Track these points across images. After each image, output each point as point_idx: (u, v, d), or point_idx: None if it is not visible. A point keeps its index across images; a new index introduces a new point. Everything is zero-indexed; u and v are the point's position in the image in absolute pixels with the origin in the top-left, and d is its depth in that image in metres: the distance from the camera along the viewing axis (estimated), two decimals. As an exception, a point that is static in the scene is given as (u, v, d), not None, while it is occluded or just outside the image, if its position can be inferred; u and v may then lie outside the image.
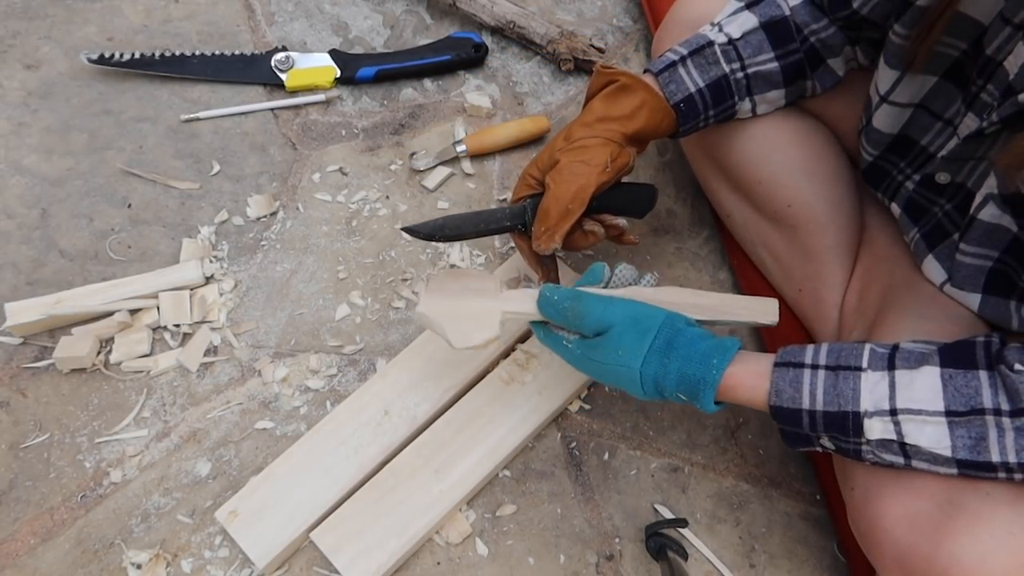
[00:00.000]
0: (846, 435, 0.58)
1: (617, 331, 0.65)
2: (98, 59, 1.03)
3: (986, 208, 0.63)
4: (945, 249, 0.71)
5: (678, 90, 0.75)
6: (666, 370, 0.63)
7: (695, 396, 0.63)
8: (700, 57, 0.75)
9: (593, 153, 0.72)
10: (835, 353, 0.60)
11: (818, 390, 0.59)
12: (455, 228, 0.77)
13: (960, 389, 0.54)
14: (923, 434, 0.55)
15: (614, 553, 0.80)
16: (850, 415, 0.57)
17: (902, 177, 0.75)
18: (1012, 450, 0.52)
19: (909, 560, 0.56)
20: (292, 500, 0.76)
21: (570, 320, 0.67)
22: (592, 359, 0.66)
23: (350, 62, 1.08)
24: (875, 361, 0.58)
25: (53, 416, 0.83)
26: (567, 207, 0.72)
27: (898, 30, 0.66)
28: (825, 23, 0.75)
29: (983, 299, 0.69)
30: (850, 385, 0.58)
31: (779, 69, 0.77)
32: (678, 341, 0.64)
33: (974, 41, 0.63)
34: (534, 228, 0.74)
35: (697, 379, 0.63)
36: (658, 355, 0.64)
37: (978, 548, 0.52)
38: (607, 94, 0.75)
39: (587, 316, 0.66)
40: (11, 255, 0.91)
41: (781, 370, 0.61)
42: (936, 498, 0.56)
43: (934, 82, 0.68)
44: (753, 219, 0.89)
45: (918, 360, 0.57)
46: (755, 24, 0.75)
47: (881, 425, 0.56)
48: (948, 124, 0.68)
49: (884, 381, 0.57)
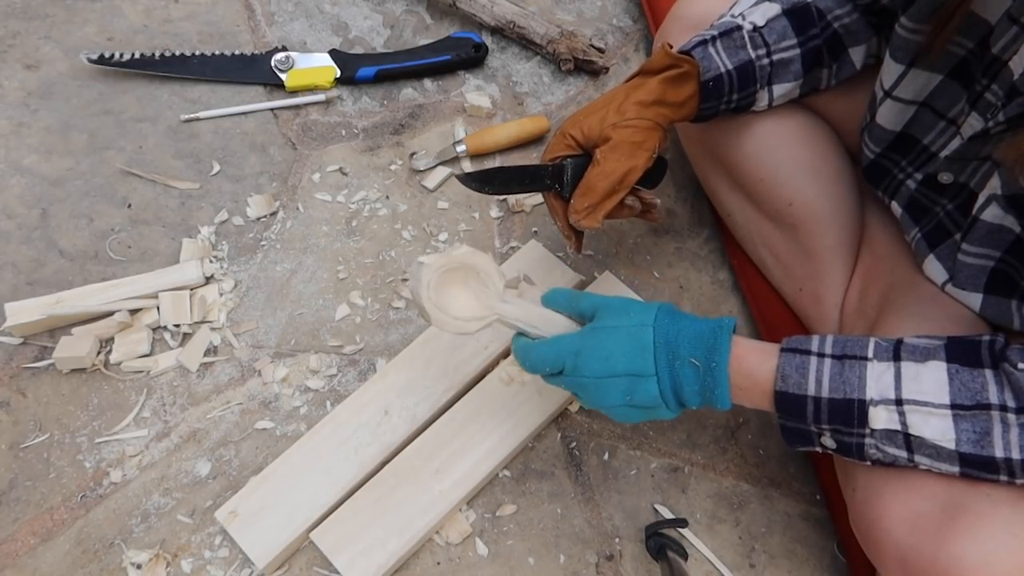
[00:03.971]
0: (850, 425, 0.58)
1: (619, 300, 0.65)
2: (98, 59, 1.03)
3: (989, 209, 0.63)
4: (946, 249, 0.71)
5: (709, 67, 0.74)
6: (678, 328, 0.61)
7: (712, 352, 0.60)
8: (728, 39, 0.75)
9: (646, 135, 0.71)
10: (841, 343, 0.60)
11: (824, 377, 0.58)
12: (503, 182, 0.75)
13: (966, 384, 0.54)
14: (928, 425, 0.55)
15: (614, 553, 0.80)
16: (856, 403, 0.57)
17: (903, 176, 0.75)
18: (1016, 446, 0.52)
19: (911, 561, 0.55)
20: (292, 500, 0.76)
21: (571, 303, 0.67)
22: (598, 328, 0.63)
23: (350, 62, 1.08)
24: (880, 352, 0.58)
25: (53, 416, 0.83)
26: (614, 187, 0.71)
27: (905, 23, 0.66)
28: (849, 8, 0.75)
29: (984, 299, 0.68)
30: (856, 373, 0.57)
31: (799, 56, 0.76)
32: (678, 314, 0.64)
33: (981, 40, 0.62)
34: (575, 200, 0.72)
35: (711, 332, 0.61)
36: (668, 315, 0.63)
37: (980, 549, 0.52)
38: (669, 78, 0.73)
39: (584, 299, 0.67)
40: (11, 255, 0.91)
41: (788, 355, 0.60)
42: (938, 498, 0.56)
43: (939, 80, 0.68)
44: (754, 218, 0.89)
45: (924, 354, 0.57)
46: (778, 11, 0.75)
47: (886, 414, 0.56)
48: (951, 124, 0.68)
49: (890, 371, 0.57)
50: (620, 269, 0.97)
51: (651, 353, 0.61)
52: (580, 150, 0.74)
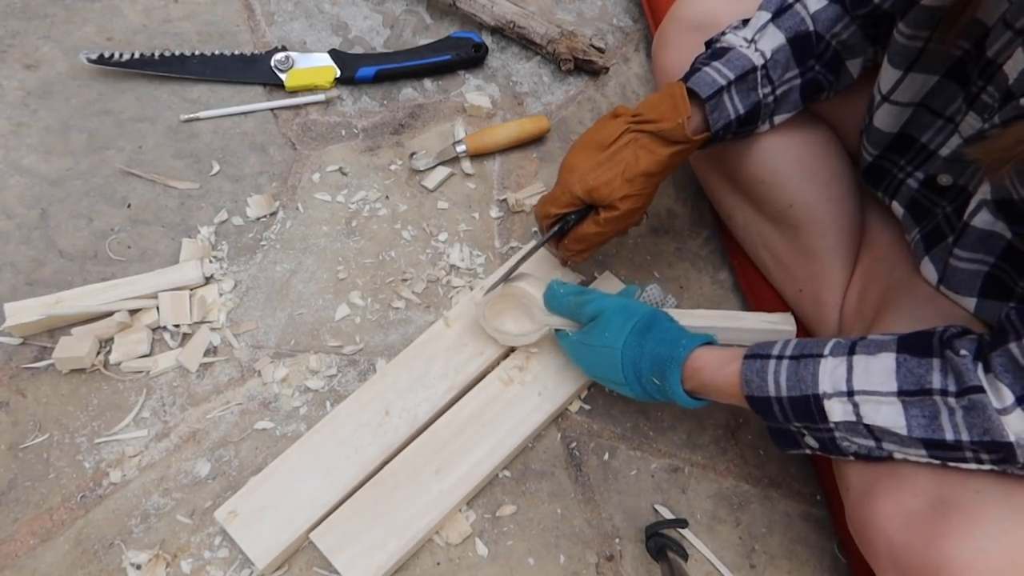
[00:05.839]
0: (814, 421, 0.60)
1: (607, 315, 0.73)
2: (97, 59, 1.02)
3: (979, 215, 0.63)
4: (940, 252, 0.71)
5: (720, 118, 0.76)
6: (642, 351, 0.70)
7: (663, 375, 0.68)
8: (744, 83, 0.75)
9: (646, 200, 0.80)
10: (800, 346, 0.63)
11: (781, 377, 0.62)
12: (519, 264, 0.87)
13: (912, 371, 0.57)
14: (880, 414, 0.57)
15: (614, 553, 0.80)
16: (811, 398, 0.60)
17: (903, 175, 0.75)
18: (964, 428, 0.54)
19: (903, 558, 0.56)
20: (292, 500, 0.76)
21: (572, 309, 0.78)
22: (584, 343, 0.75)
23: (350, 62, 1.08)
24: (836, 349, 0.61)
25: (52, 416, 0.83)
26: (606, 240, 0.82)
27: (902, 29, 0.66)
28: (846, 23, 0.75)
29: (979, 302, 0.69)
30: (809, 370, 0.60)
31: (799, 86, 0.77)
32: (656, 326, 0.72)
33: (977, 42, 0.63)
34: (569, 242, 0.82)
35: (666, 357, 0.68)
36: (637, 336, 0.71)
37: (971, 546, 0.53)
38: (681, 151, 0.76)
39: (585, 305, 0.76)
40: (10, 255, 0.91)
41: (749, 361, 0.64)
42: (928, 496, 0.57)
43: (935, 81, 0.68)
44: (754, 219, 0.89)
45: (877, 347, 0.59)
46: (782, 41, 0.75)
47: (841, 406, 0.58)
48: (949, 121, 0.68)
49: (842, 365, 0.59)
50: (620, 269, 0.97)
51: (620, 371, 0.72)
52: (582, 204, 0.80)
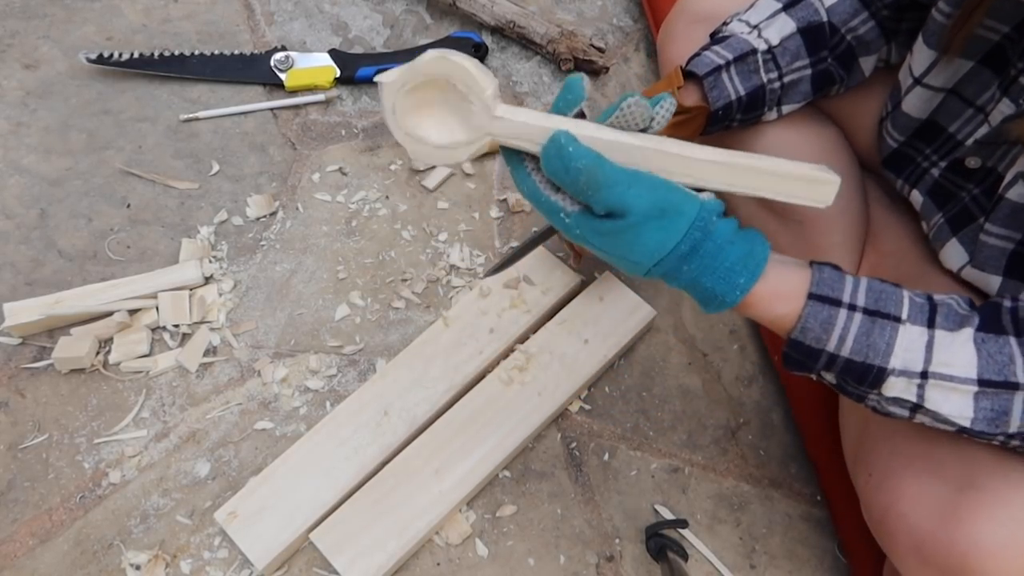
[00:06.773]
0: (861, 384, 0.55)
1: (635, 221, 0.52)
2: (97, 59, 1.02)
3: (1015, 187, 0.61)
4: (970, 232, 0.69)
5: (720, 96, 0.74)
6: (679, 272, 0.55)
7: (706, 303, 0.56)
8: (743, 64, 0.74)
9: None
10: (875, 292, 0.55)
11: (849, 336, 0.54)
12: (521, 251, 0.82)
13: (993, 355, 0.52)
14: (947, 402, 0.52)
15: (614, 554, 0.80)
16: (875, 369, 0.53)
17: (927, 164, 0.74)
18: None
19: (927, 546, 0.54)
20: (292, 501, 0.76)
21: (580, 186, 0.52)
22: (591, 241, 0.55)
23: (350, 62, 1.08)
24: (915, 312, 0.54)
25: (52, 417, 0.82)
26: None
27: (942, 7, 0.65)
28: (864, 17, 0.74)
29: (1003, 282, 0.68)
30: (885, 338, 0.53)
31: (810, 77, 0.76)
32: (704, 248, 0.54)
33: (1017, 24, 0.61)
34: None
35: (715, 294, 0.55)
36: (676, 260, 0.54)
37: (999, 532, 0.50)
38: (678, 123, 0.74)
39: (603, 189, 0.52)
40: (10, 255, 0.91)
41: (815, 305, 0.54)
42: (956, 481, 0.55)
43: (970, 67, 0.67)
44: (759, 215, 0.88)
45: (956, 320, 0.54)
46: (793, 29, 0.74)
47: (904, 385, 0.53)
48: (979, 111, 0.67)
49: (922, 340, 0.53)
50: (620, 269, 0.97)
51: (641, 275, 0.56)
52: None
